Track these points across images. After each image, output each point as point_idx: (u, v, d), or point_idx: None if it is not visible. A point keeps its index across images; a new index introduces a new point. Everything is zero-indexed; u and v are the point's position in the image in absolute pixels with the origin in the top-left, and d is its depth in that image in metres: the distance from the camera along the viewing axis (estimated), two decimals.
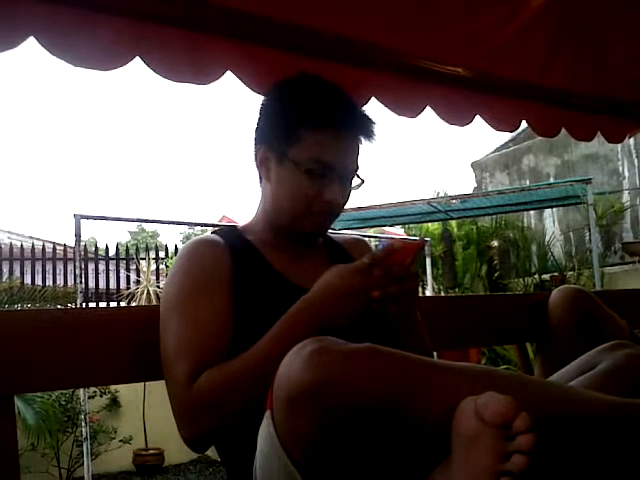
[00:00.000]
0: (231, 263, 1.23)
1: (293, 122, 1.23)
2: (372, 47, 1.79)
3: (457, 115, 2.08)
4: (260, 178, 1.32)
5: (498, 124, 2.19)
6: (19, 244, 7.90)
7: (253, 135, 1.32)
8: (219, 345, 1.14)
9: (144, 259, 6.81)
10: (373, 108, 1.81)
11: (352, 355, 0.82)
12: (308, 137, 1.22)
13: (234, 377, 1.07)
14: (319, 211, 1.26)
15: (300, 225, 1.27)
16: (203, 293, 1.17)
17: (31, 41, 1.34)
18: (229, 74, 1.60)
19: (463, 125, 2.10)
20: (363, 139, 1.28)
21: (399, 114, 1.92)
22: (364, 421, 0.80)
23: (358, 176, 1.29)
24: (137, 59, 1.46)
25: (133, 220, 6.05)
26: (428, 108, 1.98)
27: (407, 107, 1.94)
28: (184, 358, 1.11)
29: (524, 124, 2.29)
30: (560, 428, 0.87)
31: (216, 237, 1.29)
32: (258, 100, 1.36)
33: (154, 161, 66.17)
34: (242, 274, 1.23)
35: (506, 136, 9.55)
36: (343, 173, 1.26)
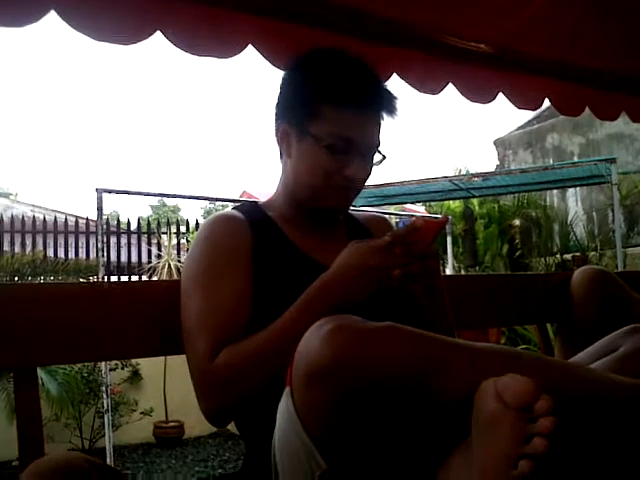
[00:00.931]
0: (251, 239, 1.23)
1: (314, 98, 1.22)
2: (395, 23, 1.77)
3: (480, 92, 2.05)
4: (281, 154, 1.32)
5: (521, 102, 2.16)
6: (42, 217, 7.98)
7: (274, 110, 1.31)
8: (239, 320, 1.14)
9: (165, 233, 6.86)
10: (395, 85, 1.79)
11: (372, 333, 0.81)
12: (329, 113, 1.20)
13: (254, 353, 1.07)
14: (340, 186, 1.25)
15: (320, 200, 1.27)
16: (223, 268, 1.18)
17: (52, 15, 1.33)
18: (250, 48, 1.58)
19: (485, 103, 2.07)
20: (385, 115, 1.27)
21: (421, 91, 1.89)
22: (383, 399, 0.80)
23: (379, 152, 1.28)
24: (158, 33, 1.45)
25: (155, 194, 6.06)
26: (450, 85, 1.96)
27: (429, 84, 1.92)
28: (204, 333, 1.12)
29: (547, 102, 2.26)
30: (581, 410, 0.87)
31: (236, 212, 1.29)
32: (280, 75, 1.34)
33: (176, 136, 66.30)
34: (262, 249, 1.23)
35: (530, 114, 9.45)
36: (364, 149, 1.24)
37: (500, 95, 2.10)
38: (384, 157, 1.29)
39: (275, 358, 1.02)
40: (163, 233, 7.01)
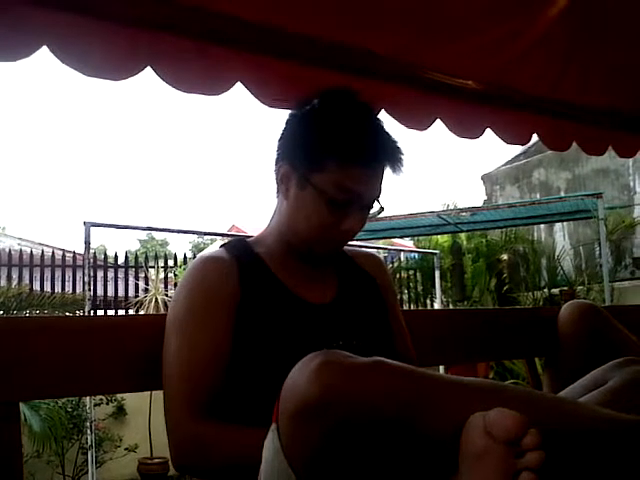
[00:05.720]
0: (237, 278, 1.23)
1: (320, 150, 1.19)
2: (383, 60, 1.79)
3: (467, 128, 2.06)
4: (277, 191, 1.30)
5: (509, 137, 2.18)
6: (29, 250, 7.92)
7: (276, 147, 1.29)
8: (217, 367, 1.16)
9: (153, 267, 6.83)
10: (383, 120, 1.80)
11: (360, 369, 0.81)
12: (334, 168, 1.18)
13: (237, 457, 1.08)
14: (334, 239, 1.25)
15: (312, 248, 1.26)
16: (204, 315, 1.19)
17: (44, 50, 1.34)
18: (239, 85, 1.59)
19: (473, 138, 2.09)
20: (389, 169, 1.25)
21: (409, 127, 1.90)
22: (371, 435, 0.79)
23: (378, 201, 1.26)
24: (148, 69, 1.46)
25: (143, 228, 6.06)
26: (438, 121, 1.98)
27: (417, 120, 1.93)
28: (183, 380, 1.15)
29: (535, 137, 2.28)
30: (569, 444, 0.86)
31: (223, 253, 1.28)
32: (269, 111, 1.34)
33: (164, 170, 66.46)
34: (249, 288, 1.23)
35: (517, 149, 9.55)
36: (364, 203, 1.23)
37: (488, 131, 2.11)
38: (382, 208, 1.27)
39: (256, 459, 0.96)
40: (151, 267, 6.97)
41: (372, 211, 1.27)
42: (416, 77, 1.89)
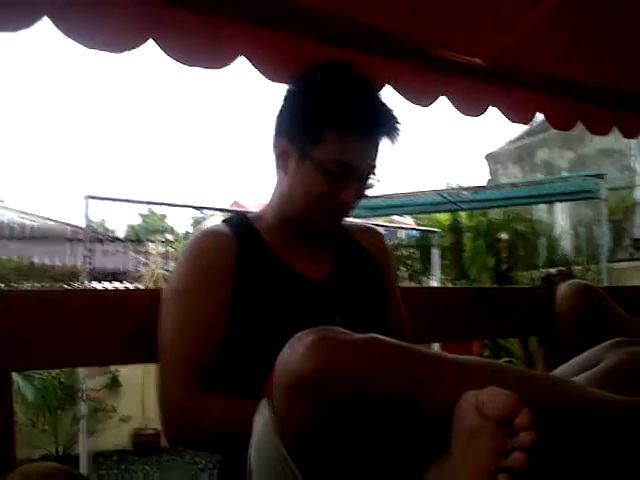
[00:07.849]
0: (236, 252, 1.24)
1: (319, 123, 1.20)
2: (389, 35, 1.77)
3: (472, 105, 2.05)
4: (277, 167, 1.31)
5: (513, 116, 2.17)
6: (29, 223, 7.92)
7: (274, 122, 1.29)
8: (213, 341, 1.18)
9: (153, 242, 6.85)
10: (387, 95, 1.79)
11: (355, 344, 0.80)
12: (333, 139, 1.20)
13: (228, 427, 1.10)
14: (332, 210, 1.26)
15: (312, 222, 1.27)
16: (202, 289, 1.20)
17: (45, 21, 1.33)
18: (242, 59, 1.58)
19: (477, 115, 2.08)
20: (386, 140, 1.26)
21: (413, 102, 1.89)
22: (364, 412, 0.79)
23: (374, 174, 1.27)
24: (150, 42, 1.45)
25: (143, 202, 6.08)
26: (443, 97, 1.96)
27: (421, 95, 1.92)
28: (178, 354, 1.16)
29: (539, 117, 2.27)
30: (562, 424, 0.86)
31: (223, 228, 1.29)
32: (272, 85, 1.33)
33: (166, 144, 66.20)
34: (246, 263, 1.23)
35: (521, 128, 9.50)
36: (361, 174, 1.24)
37: (492, 108, 2.10)
38: (379, 181, 1.28)
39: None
40: (150, 241, 6.99)
41: (369, 182, 1.28)
42: (421, 54, 1.88)
